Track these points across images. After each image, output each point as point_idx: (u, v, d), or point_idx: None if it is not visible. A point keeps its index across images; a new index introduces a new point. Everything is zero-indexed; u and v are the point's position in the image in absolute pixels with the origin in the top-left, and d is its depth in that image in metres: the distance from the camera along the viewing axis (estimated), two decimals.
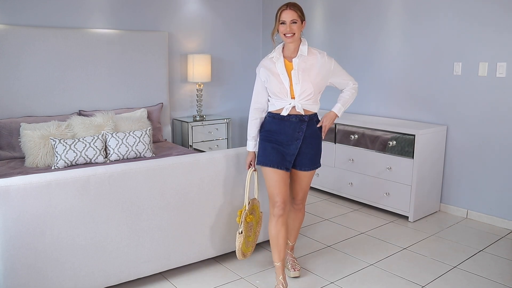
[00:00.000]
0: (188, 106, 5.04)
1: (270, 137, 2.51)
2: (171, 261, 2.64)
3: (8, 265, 2.11)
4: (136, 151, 3.68)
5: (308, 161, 2.54)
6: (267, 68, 2.48)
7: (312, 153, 2.54)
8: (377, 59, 4.37)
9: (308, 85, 2.41)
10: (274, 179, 2.49)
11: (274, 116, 2.50)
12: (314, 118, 2.54)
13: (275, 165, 2.47)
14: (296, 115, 2.46)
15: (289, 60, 2.45)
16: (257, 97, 2.57)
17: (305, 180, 2.61)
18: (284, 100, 2.45)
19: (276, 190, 2.48)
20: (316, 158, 2.58)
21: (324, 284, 2.68)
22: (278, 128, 2.48)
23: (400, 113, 4.24)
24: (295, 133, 2.47)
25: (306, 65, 2.43)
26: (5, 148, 3.64)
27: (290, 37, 2.38)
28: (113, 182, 2.36)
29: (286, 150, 2.49)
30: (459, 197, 3.87)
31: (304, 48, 2.45)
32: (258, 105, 2.57)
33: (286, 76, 2.42)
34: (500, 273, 2.84)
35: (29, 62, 3.81)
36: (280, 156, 2.48)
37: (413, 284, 2.69)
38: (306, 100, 2.44)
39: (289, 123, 2.47)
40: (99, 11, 4.23)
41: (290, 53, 2.46)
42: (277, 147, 2.49)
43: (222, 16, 5.09)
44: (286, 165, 2.50)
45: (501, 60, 3.49)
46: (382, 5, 4.27)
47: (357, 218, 3.82)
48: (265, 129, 2.55)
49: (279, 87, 2.43)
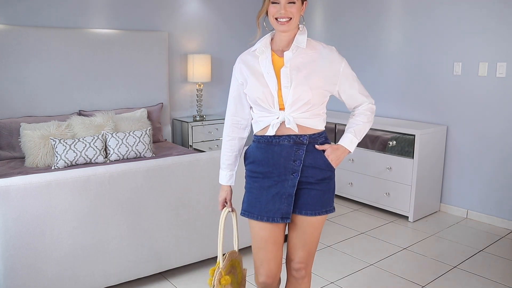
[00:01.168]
0: (188, 106, 5.03)
1: (256, 172, 1.76)
2: (171, 261, 2.64)
3: (8, 265, 2.11)
4: (136, 151, 3.68)
5: (313, 200, 1.72)
6: (246, 64, 1.76)
7: (319, 190, 1.73)
8: (377, 59, 4.37)
9: (304, 89, 1.65)
10: (260, 237, 1.76)
11: (259, 140, 1.75)
12: (318, 139, 1.73)
13: (263, 215, 1.72)
14: (289, 136, 1.68)
15: (279, 55, 1.72)
16: (234, 107, 1.84)
17: (309, 230, 1.75)
18: (270, 113, 1.69)
19: (261, 256, 1.77)
20: (326, 197, 1.75)
21: (324, 284, 2.68)
22: (264, 157, 1.73)
23: (400, 113, 4.24)
24: (289, 162, 1.69)
25: (303, 61, 1.69)
26: (5, 148, 3.63)
27: (284, 23, 1.64)
28: (113, 182, 2.36)
29: (280, 189, 1.71)
30: (459, 197, 3.87)
31: (302, 38, 1.71)
32: (235, 120, 1.84)
33: (273, 75, 1.67)
34: (500, 273, 2.84)
35: (29, 62, 3.81)
36: (270, 201, 1.72)
37: (413, 284, 2.69)
38: (301, 112, 1.67)
39: (279, 149, 1.69)
40: (99, 11, 4.23)
41: (282, 45, 1.72)
42: (266, 187, 1.73)
43: (222, 16, 5.08)
44: (282, 212, 1.71)
45: (501, 60, 3.49)
46: (382, 5, 4.27)
47: (357, 218, 3.82)
48: (249, 161, 1.81)
49: (262, 93, 1.67)
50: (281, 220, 1.72)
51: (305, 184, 1.71)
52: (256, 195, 1.76)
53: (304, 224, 1.75)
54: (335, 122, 4.19)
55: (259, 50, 1.74)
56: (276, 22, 1.65)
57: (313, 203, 1.72)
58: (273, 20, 1.66)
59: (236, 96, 1.83)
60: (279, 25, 1.65)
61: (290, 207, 1.71)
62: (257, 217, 1.73)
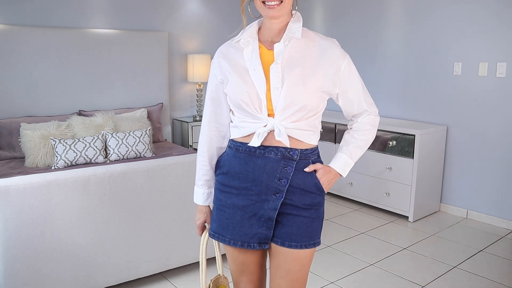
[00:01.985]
0: (188, 106, 5.04)
1: (230, 186, 1.45)
2: (171, 261, 2.64)
3: (8, 265, 2.11)
4: (136, 151, 3.68)
5: (299, 229, 1.41)
6: (228, 59, 1.45)
7: (306, 217, 1.42)
8: (377, 59, 4.37)
9: (299, 91, 1.34)
10: (238, 262, 1.52)
11: (238, 148, 1.43)
12: (311, 156, 1.44)
13: (236, 240, 1.44)
14: (277, 148, 1.38)
15: (269, 47, 1.41)
16: (212, 112, 1.52)
17: (296, 267, 1.44)
18: (255, 119, 1.38)
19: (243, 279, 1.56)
20: (315, 225, 1.44)
21: (324, 284, 2.68)
22: (242, 170, 1.42)
23: (400, 113, 4.24)
24: (273, 180, 1.39)
25: (298, 56, 1.38)
26: (5, 148, 3.64)
27: (274, 6, 1.33)
28: (113, 182, 2.36)
29: (258, 210, 1.41)
30: (459, 197, 3.87)
31: (296, 26, 1.40)
32: (214, 126, 1.53)
33: (261, 73, 1.36)
34: (500, 273, 2.84)
35: (29, 62, 3.81)
36: (246, 223, 1.43)
37: (413, 284, 2.69)
38: (294, 121, 1.37)
39: (263, 162, 1.39)
40: (99, 11, 4.23)
41: (271, 35, 1.41)
42: (241, 206, 1.43)
43: (222, 16, 5.08)
44: (259, 237, 1.43)
45: (501, 60, 3.49)
46: (382, 5, 4.27)
47: (357, 218, 3.82)
48: (221, 170, 1.49)
49: (246, 94, 1.36)
50: (259, 246, 1.44)
51: (290, 209, 1.41)
52: (228, 214, 1.45)
53: (288, 259, 1.42)
54: (335, 122, 4.19)
55: (243, 41, 1.42)
56: (263, 6, 1.34)
57: (299, 233, 1.41)
58: (260, 4, 1.35)
59: (215, 98, 1.50)
60: (267, 10, 1.34)
61: (270, 231, 1.42)
62: (229, 242, 1.46)
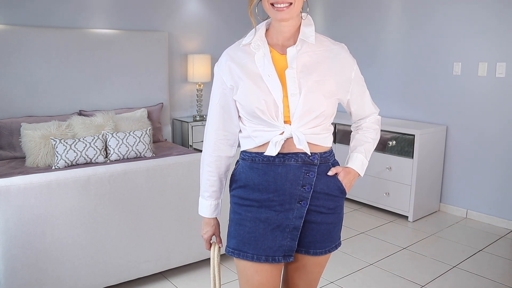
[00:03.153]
0: (188, 106, 5.04)
1: (250, 199, 1.39)
2: (171, 261, 2.64)
3: (9, 265, 2.12)
4: (136, 151, 3.69)
5: (323, 236, 1.41)
6: (238, 64, 1.36)
7: (329, 223, 1.41)
8: (377, 59, 4.38)
9: (317, 97, 1.32)
10: (255, 282, 1.39)
11: (254, 159, 1.38)
12: (330, 158, 1.41)
13: (260, 255, 1.36)
14: (297, 154, 1.34)
15: (280, 51, 1.36)
16: (220, 119, 1.42)
17: (316, 270, 1.47)
18: (271, 127, 1.33)
19: None
20: (336, 229, 1.45)
21: (324, 284, 2.68)
22: (262, 181, 1.36)
23: (400, 113, 4.24)
24: (297, 188, 1.35)
25: (312, 61, 1.34)
26: (5, 148, 3.64)
27: (283, 9, 1.28)
28: (113, 182, 2.36)
29: (283, 221, 1.36)
30: (459, 197, 3.88)
31: (309, 30, 1.37)
32: (222, 135, 1.43)
33: (276, 79, 1.31)
34: (500, 273, 2.84)
35: (30, 62, 3.81)
36: (270, 236, 1.36)
37: (413, 283, 2.70)
38: (311, 127, 1.34)
39: (284, 170, 1.35)
40: (99, 11, 4.24)
41: (281, 39, 1.37)
42: (264, 218, 1.37)
43: (222, 16, 5.09)
44: (284, 250, 1.37)
45: (500, 60, 3.49)
46: (382, 5, 4.27)
47: (357, 218, 3.82)
48: (238, 184, 1.43)
49: (263, 102, 1.30)
50: (283, 260, 1.37)
51: (315, 216, 1.38)
52: (250, 228, 1.37)
53: (310, 264, 1.44)
54: (335, 122, 4.19)
55: (254, 45, 1.34)
56: (272, 9, 1.29)
57: (323, 240, 1.40)
58: (268, 6, 1.29)
59: (223, 105, 1.40)
60: (276, 12, 1.28)
61: (294, 242, 1.37)
62: (252, 257, 1.36)
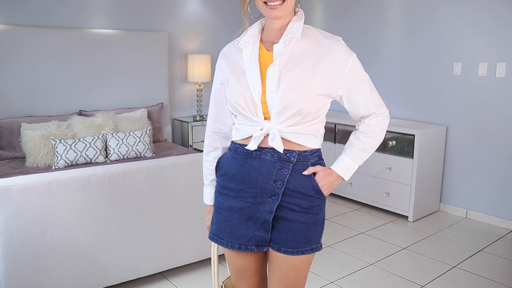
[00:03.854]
0: (188, 106, 5.04)
1: (227, 188, 1.44)
2: (171, 261, 2.65)
3: (9, 265, 2.12)
4: (136, 151, 3.69)
5: (295, 234, 1.37)
6: (228, 60, 1.44)
7: (303, 222, 1.38)
8: (377, 59, 4.38)
9: (295, 94, 1.30)
10: (236, 266, 1.48)
11: (237, 149, 1.43)
12: (310, 158, 1.40)
13: (234, 242, 1.42)
14: (274, 150, 1.35)
15: (269, 48, 1.37)
16: (215, 112, 1.51)
17: (292, 273, 1.41)
18: (253, 122, 1.36)
19: (242, 285, 1.52)
20: (313, 231, 1.40)
21: (324, 284, 2.68)
22: (238, 172, 1.41)
23: (400, 113, 4.24)
24: (269, 182, 1.36)
25: (297, 57, 1.33)
26: (5, 148, 3.64)
27: (276, 7, 1.29)
28: (113, 182, 2.36)
29: (254, 213, 1.39)
30: (459, 197, 3.88)
31: (297, 25, 1.34)
32: (217, 127, 1.52)
33: (257, 75, 1.33)
34: (500, 273, 2.84)
35: (30, 62, 3.81)
36: (243, 226, 1.41)
37: (412, 283, 2.70)
38: (291, 125, 1.33)
39: (259, 164, 1.37)
40: (100, 11, 4.24)
41: (273, 35, 1.38)
42: (238, 208, 1.41)
43: (222, 16, 5.09)
44: (257, 240, 1.40)
45: (500, 60, 3.49)
46: (382, 5, 4.27)
47: (357, 218, 3.82)
48: (220, 172, 1.49)
49: (241, 97, 1.34)
50: (257, 249, 1.41)
51: (286, 212, 1.37)
52: (226, 217, 1.43)
53: (284, 264, 1.39)
54: (335, 122, 4.20)
55: (243, 42, 1.39)
56: (265, 7, 1.30)
57: (296, 239, 1.37)
58: (262, 4, 1.30)
59: (217, 99, 1.48)
60: (269, 10, 1.29)
61: (267, 234, 1.39)
62: (227, 244, 1.43)
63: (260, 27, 1.42)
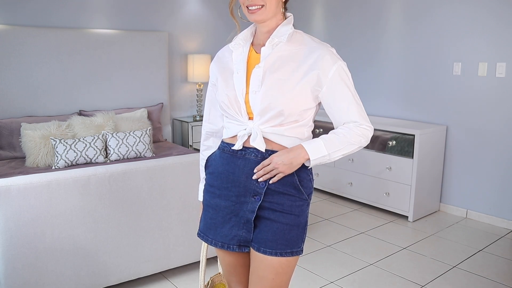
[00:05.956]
0: (188, 106, 5.04)
1: (213, 186, 1.47)
2: (171, 261, 2.65)
3: (9, 265, 2.12)
4: (136, 151, 3.69)
5: (275, 235, 1.37)
6: (220, 62, 1.50)
7: (284, 223, 1.38)
8: (377, 59, 4.38)
9: (274, 95, 1.33)
10: (226, 263, 1.53)
11: (224, 148, 1.46)
12: None
13: (217, 241, 1.45)
14: (258, 150, 1.38)
15: (258, 51, 1.42)
16: (208, 113, 1.59)
17: (269, 276, 1.39)
18: (238, 121, 1.41)
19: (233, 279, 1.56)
20: (294, 233, 1.39)
21: (324, 284, 2.68)
22: (224, 170, 1.44)
23: (400, 113, 4.24)
24: (252, 182, 1.38)
25: (283, 60, 1.37)
26: (5, 148, 3.64)
27: (255, 11, 1.35)
28: (113, 182, 2.36)
29: (238, 211, 1.41)
30: (459, 197, 3.88)
31: (284, 30, 1.38)
32: (210, 128, 1.60)
33: (242, 76, 1.38)
34: (500, 273, 2.84)
35: (30, 62, 3.81)
36: (226, 224, 1.43)
37: (412, 283, 2.70)
38: (274, 126, 1.36)
39: (243, 163, 1.40)
40: (100, 11, 4.24)
41: (262, 39, 1.43)
42: (222, 206, 1.44)
43: (222, 16, 5.09)
44: (239, 239, 1.42)
45: (500, 60, 3.49)
46: (382, 5, 4.27)
47: (357, 218, 3.83)
48: (208, 170, 1.52)
49: (226, 97, 1.40)
50: (238, 249, 1.42)
51: (268, 213, 1.38)
52: (211, 214, 1.46)
53: (262, 266, 1.38)
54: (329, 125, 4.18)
55: (234, 44, 1.44)
56: (247, 11, 1.37)
57: (275, 239, 1.36)
58: (245, 8, 1.37)
59: (211, 100, 1.57)
60: (250, 15, 1.36)
61: (249, 234, 1.39)
62: (211, 242, 1.46)
63: (252, 30, 1.48)
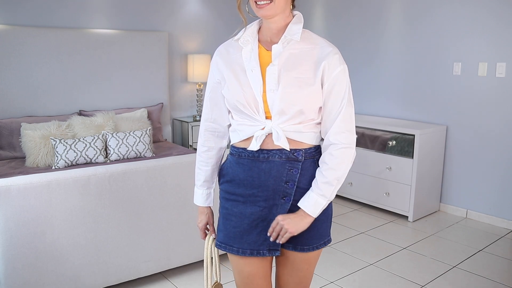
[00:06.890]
0: (188, 106, 5.04)
1: (235, 194, 1.43)
2: (171, 261, 2.65)
3: (9, 265, 2.12)
4: (136, 151, 3.69)
5: (309, 232, 1.39)
6: (225, 58, 1.44)
7: (316, 219, 1.38)
8: (377, 59, 4.38)
9: (294, 93, 1.32)
10: (245, 274, 1.45)
11: (240, 154, 1.41)
12: (316, 154, 1.41)
13: (245, 248, 1.41)
14: (281, 151, 1.36)
15: (267, 48, 1.38)
16: (209, 111, 1.51)
17: (305, 267, 1.46)
18: (254, 121, 1.36)
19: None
20: (324, 226, 1.44)
21: (324, 284, 2.69)
22: (247, 177, 1.40)
23: (400, 113, 4.24)
24: (280, 184, 1.37)
25: (296, 58, 1.35)
26: (5, 148, 3.64)
27: (264, 6, 1.31)
28: (113, 182, 2.36)
29: (267, 216, 1.40)
30: (459, 197, 3.88)
31: (296, 28, 1.36)
32: (211, 126, 1.52)
33: (258, 74, 1.34)
34: (500, 273, 2.84)
35: (30, 62, 3.81)
36: (254, 230, 1.41)
37: (412, 283, 2.70)
38: (293, 124, 1.35)
39: (268, 166, 1.37)
40: (100, 11, 4.24)
41: (270, 35, 1.39)
42: (248, 213, 1.41)
43: (222, 16, 5.09)
44: (269, 244, 1.41)
45: (500, 60, 3.49)
46: (382, 5, 4.27)
47: (357, 218, 3.82)
48: (225, 179, 1.47)
49: (243, 96, 1.35)
50: (269, 253, 1.41)
51: None
52: (235, 223, 1.42)
53: (297, 260, 1.44)
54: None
55: (243, 40, 1.39)
56: (255, 6, 1.33)
57: (309, 236, 1.40)
58: (253, 3, 1.33)
59: (213, 98, 1.49)
60: (258, 10, 1.32)
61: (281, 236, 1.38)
62: (238, 251, 1.41)
63: (258, 27, 1.43)
